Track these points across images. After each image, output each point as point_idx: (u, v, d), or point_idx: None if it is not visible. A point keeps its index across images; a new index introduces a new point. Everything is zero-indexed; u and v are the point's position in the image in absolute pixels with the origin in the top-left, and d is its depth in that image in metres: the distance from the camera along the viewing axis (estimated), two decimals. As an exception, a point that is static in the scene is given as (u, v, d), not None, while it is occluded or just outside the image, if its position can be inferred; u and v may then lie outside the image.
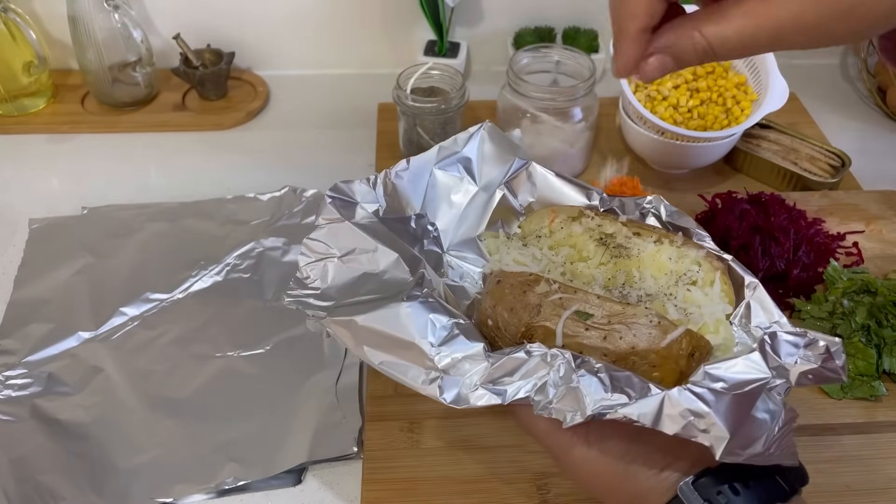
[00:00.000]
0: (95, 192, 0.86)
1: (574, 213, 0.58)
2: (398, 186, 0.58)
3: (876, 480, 0.60)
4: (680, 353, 0.46)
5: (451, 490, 0.59)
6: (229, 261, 0.77)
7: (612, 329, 0.46)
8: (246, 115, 0.98)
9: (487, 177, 0.60)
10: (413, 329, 0.47)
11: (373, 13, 1.02)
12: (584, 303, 0.47)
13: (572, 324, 0.47)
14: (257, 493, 0.60)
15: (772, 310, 0.51)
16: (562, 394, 0.43)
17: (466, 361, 0.46)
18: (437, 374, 0.46)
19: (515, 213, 0.60)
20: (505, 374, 0.45)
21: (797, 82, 0.87)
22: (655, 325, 0.46)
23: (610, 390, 0.43)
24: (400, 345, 0.47)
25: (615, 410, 0.42)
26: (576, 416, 0.42)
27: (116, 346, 0.69)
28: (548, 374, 0.44)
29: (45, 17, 0.98)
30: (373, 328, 0.48)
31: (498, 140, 0.61)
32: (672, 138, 0.82)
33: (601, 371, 0.44)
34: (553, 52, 0.87)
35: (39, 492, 0.59)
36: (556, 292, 0.48)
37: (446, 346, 0.47)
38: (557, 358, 0.45)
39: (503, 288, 0.51)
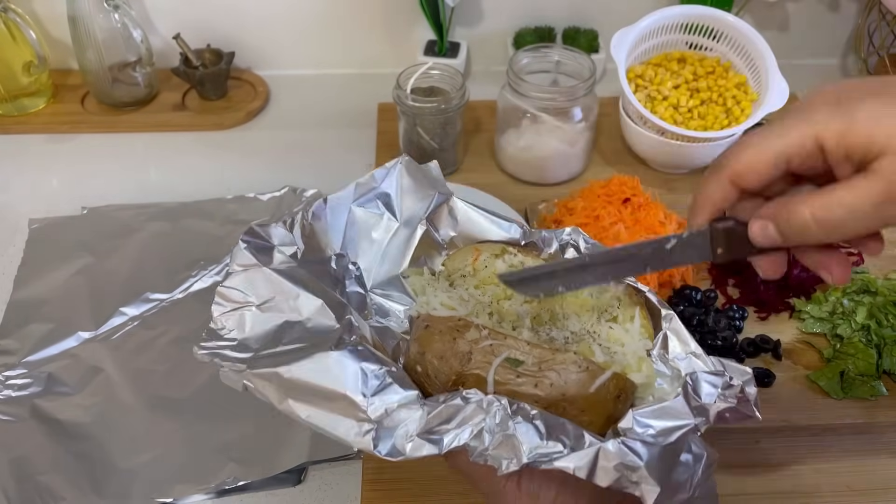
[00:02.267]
0: (95, 192, 0.86)
1: (497, 251, 0.57)
2: (315, 227, 0.56)
3: (876, 480, 0.60)
4: (607, 396, 0.47)
5: (451, 490, 0.59)
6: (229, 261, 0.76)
7: (542, 376, 0.47)
8: (246, 115, 0.98)
9: (408, 212, 0.59)
10: (343, 379, 0.45)
11: (373, 13, 1.02)
12: (514, 349, 0.47)
13: (503, 371, 0.47)
14: (257, 493, 0.60)
15: (687, 340, 0.52)
16: (498, 441, 0.43)
17: (401, 410, 0.45)
18: (370, 425, 0.44)
19: (438, 247, 0.59)
20: (442, 422, 0.44)
21: (797, 82, 0.87)
22: (584, 371, 0.47)
23: (545, 437, 0.43)
24: (329, 396, 0.45)
25: (550, 461, 0.42)
26: (511, 463, 0.42)
27: (116, 346, 0.69)
28: (484, 421, 0.44)
29: (45, 17, 0.98)
30: (298, 380, 0.45)
31: (416, 174, 0.59)
32: (672, 138, 0.82)
33: (536, 418, 0.44)
34: (553, 52, 0.87)
35: (39, 492, 0.59)
36: (486, 339, 0.48)
37: (378, 395, 0.45)
38: (493, 404, 0.45)
39: (432, 334, 0.49)
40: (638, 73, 0.88)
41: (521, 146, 0.85)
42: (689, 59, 0.89)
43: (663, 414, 0.46)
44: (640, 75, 0.88)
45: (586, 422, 0.46)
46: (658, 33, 0.89)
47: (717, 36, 0.89)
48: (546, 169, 0.87)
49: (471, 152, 0.93)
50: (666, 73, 0.88)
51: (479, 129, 0.96)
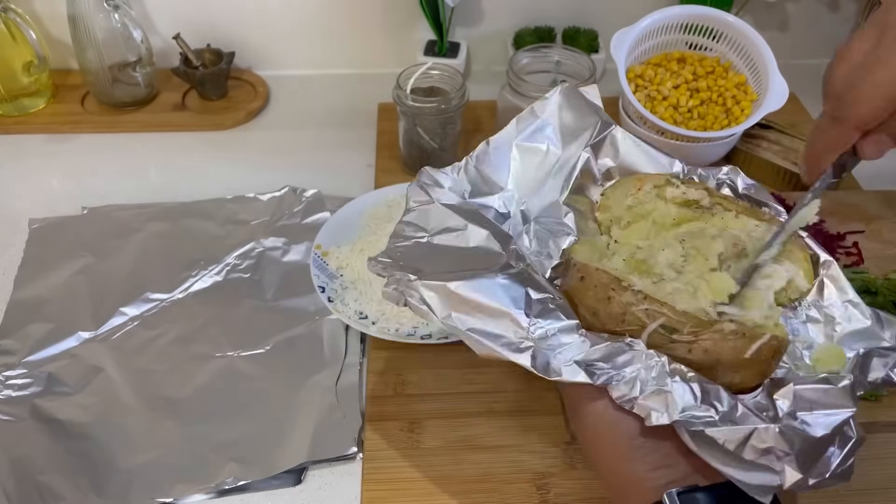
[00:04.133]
0: (95, 192, 0.86)
1: (660, 182, 0.57)
2: (481, 170, 0.58)
3: (876, 480, 0.60)
4: (761, 358, 0.47)
5: (451, 490, 0.59)
6: (229, 261, 0.77)
7: (696, 343, 0.47)
8: (246, 115, 0.98)
9: (570, 140, 0.60)
10: (508, 300, 0.47)
11: (373, 13, 1.02)
12: (668, 317, 0.47)
13: (658, 336, 0.47)
14: (257, 493, 0.60)
15: (845, 288, 0.52)
16: (650, 392, 0.44)
17: (562, 335, 0.46)
18: (530, 343, 0.46)
19: (594, 178, 0.59)
20: (600, 359, 0.45)
21: (797, 82, 0.87)
22: (740, 337, 0.46)
23: (699, 400, 0.44)
24: (492, 313, 0.47)
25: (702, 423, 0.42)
26: (661, 416, 0.43)
27: (116, 346, 0.69)
28: (639, 371, 0.45)
29: (45, 17, 0.98)
30: (465, 295, 0.47)
31: (576, 101, 0.60)
32: (672, 138, 0.82)
33: (693, 380, 0.44)
34: (553, 52, 0.87)
35: (39, 492, 0.59)
36: (641, 302, 0.48)
37: (542, 318, 0.47)
38: (653, 358, 0.45)
39: (587, 288, 0.50)
40: (638, 73, 0.88)
41: (521, 146, 0.85)
42: (689, 59, 0.89)
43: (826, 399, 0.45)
44: (640, 75, 0.88)
45: (738, 381, 0.47)
46: (658, 33, 0.89)
47: (716, 36, 0.89)
48: (546, 169, 0.87)
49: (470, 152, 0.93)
50: (666, 73, 0.88)
51: (479, 129, 0.96)
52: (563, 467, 0.60)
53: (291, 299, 0.73)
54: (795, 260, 0.53)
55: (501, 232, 0.54)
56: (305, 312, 0.72)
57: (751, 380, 0.47)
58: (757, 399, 0.46)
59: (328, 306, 0.69)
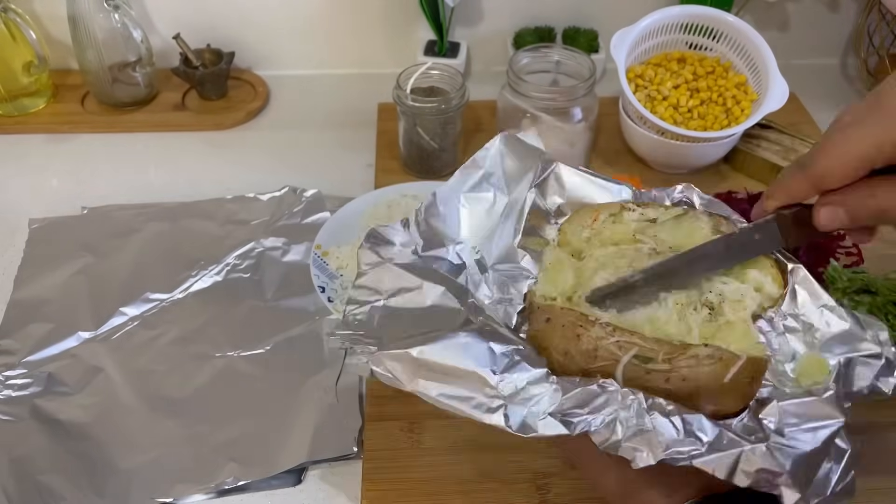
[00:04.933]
0: (95, 192, 0.86)
1: (615, 209, 0.57)
2: (432, 224, 0.58)
3: (876, 480, 0.60)
4: (742, 381, 0.46)
5: (451, 490, 0.59)
6: (229, 261, 0.77)
7: (673, 371, 0.46)
8: (246, 115, 0.98)
9: (515, 185, 0.60)
10: (472, 358, 0.46)
11: (373, 13, 1.02)
12: (640, 346, 0.47)
13: (632, 368, 0.46)
14: (257, 493, 0.60)
15: (818, 293, 0.51)
16: (631, 433, 0.43)
17: (532, 387, 0.46)
18: (500, 401, 0.45)
19: (546, 217, 0.59)
20: (575, 406, 0.45)
21: (797, 82, 0.87)
22: (717, 361, 0.46)
23: (683, 433, 0.43)
24: (459, 374, 0.46)
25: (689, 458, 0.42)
26: (647, 457, 0.42)
27: (116, 346, 0.69)
28: (617, 412, 0.44)
29: (45, 17, 0.98)
30: (428, 360, 0.46)
31: (517, 148, 0.60)
32: (672, 138, 0.82)
33: (673, 414, 0.44)
34: (553, 52, 0.87)
35: (39, 492, 0.59)
36: (611, 335, 0.47)
37: (508, 373, 0.46)
38: (629, 397, 0.45)
39: (553, 328, 0.49)
40: (638, 72, 0.88)
41: (521, 146, 0.85)
42: (689, 59, 0.89)
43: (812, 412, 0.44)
44: (640, 75, 0.88)
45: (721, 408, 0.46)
46: (658, 33, 0.89)
47: (716, 36, 0.89)
48: (546, 169, 0.87)
49: (471, 152, 0.91)
50: (666, 73, 0.88)
51: (479, 129, 0.96)
52: (563, 467, 0.60)
53: (291, 299, 0.73)
54: (761, 268, 0.52)
55: (457, 286, 0.54)
56: (305, 312, 0.72)
57: (734, 405, 0.46)
58: (744, 422, 0.45)
59: (328, 306, 0.69)
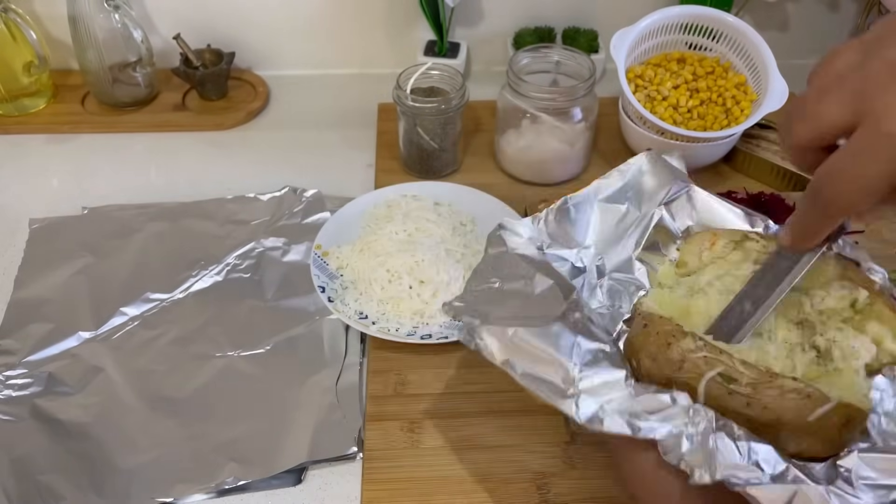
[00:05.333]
0: (95, 192, 0.86)
1: (737, 237, 0.56)
2: (562, 225, 0.60)
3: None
4: (830, 424, 0.45)
5: (451, 490, 0.59)
6: (229, 261, 0.77)
7: (756, 397, 0.45)
8: (246, 115, 0.98)
9: (648, 201, 0.61)
10: (559, 348, 0.48)
11: (373, 13, 1.02)
12: (727, 365, 0.46)
13: (715, 386, 0.46)
14: (257, 493, 0.60)
15: None
16: (695, 448, 0.43)
17: (607, 387, 0.47)
18: (575, 391, 0.46)
19: (672, 236, 0.59)
20: (644, 411, 0.45)
21: (797, 83, 0.86)
22: (804, 398, 0.45)
23: (746, 460, 0.43)
24: (544, 360, 0.48)
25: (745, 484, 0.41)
26: (704, 475, 0.42)
27: (116, 346, 0.69)
28: (685, 427, 0.44)
29: (45, 17, 0.98)
30: (520, 342, 0.49)
31: (659, 167, 0.61)
32: (672, 138, 0.82)
33: (741, 438, 0.43)
34: (553, 52, 0.87)
35: (39, 492, 0.59)
36: (700, 349, 0.48)
37: (589, 368, 0.47)
38: (700, 413, 0.44)
39: (648, 334, 0.50)
40: (637, 73, 0.88)
41: (521, 146, 0.85)
42: (689, 60, 0.89)
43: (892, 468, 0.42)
44: (640, 75, 0.88)
45: (804, 448, 0.45)
46: (658, 33, 0.89)
47: (716, 36, 0.89)
48: (546, 169, 0.87)
49: (471, 152, 0.93)
50: (665, 73, 0.88)
51: (479, 129, 0.96)
52: (563, 467, 0.60)
53: (291, 299, 0.73)
54: (885, 321, 0.50)
55: (567, 283, 0.56)
56: (305, 312, 0.72)
57: (819, 448, 0.45)
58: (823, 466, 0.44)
59: (328, 306, 0.69)
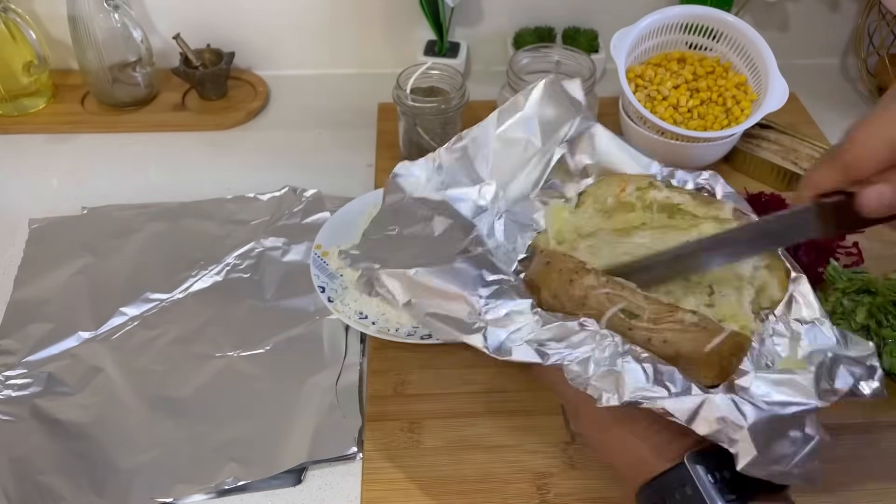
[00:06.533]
0: (95, 192, 0.86)
1: (643, 184, 0.57)
2: (461, 161, 0.59)
3: (876, 480, 0.60)
4: (722, 353, 0.47)
5: (451, 490, 0.59)
6: (229, 261, 0.77)
7: (656, 331, 0.47)
8: (246, 115, 0.98)
9: (548, 135, 0.60)
10: (462, 282, 0.48)
11: (373, 13, 1.02)
12: (629, 301, 0.47)
13: (617, 321, 0.47)
14: (257, 493, 0.60)
15: (813, 305, 0.51)
16: (602, 373, 0.44)
17: (514, 315, 0.47)
18: (482, 324, 0.47)
19: (571, 174, 0.60)
20: (552, 339, 0.46)
21: (797, 82, 0.87)
22: (701, 329, 0.46)
23: (651, 381, 0.44)
24: (447, 296, 0.48)
25: (653, 400, 0.43)
26: (612, 397, 0.43)
27: (116, 346, 0.69)
28: (593, 351, 0.45)
29: (45, 17, 0.98)
30: (423, 281, 0.49)
31: (559, 97, 0.60)
32: (672, 138, 0.82)
33: (646, 361, 0.45)
34: (553, 52, 0.87)
35: (39, 492, 0.59)
36: (603, 286, 0.48)
37: (494, 299, 0.48)
38: (606, 338, 0.46)
39: (550, 271, 0.51)
40: (638, 73, 0.88)
41: (521, 146, 0.85)
42: (689, 59, 0.89)
43: (788, 385, 0.45)
44: (640, 75, 0.88)
45: (699, 377, 0.46)
46: (658, 33, 0.89)
47: (716, 36, 0.89)
48: (546, 169, 0.87)
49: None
50: (666, 73, 0.88)
51: (479, 129, 0.96)
52: (563, 467, 0.60)
53: (291, 299, 0.73)
54: (772, 268, 0.53)
55: (466, 221, 0.56)
56: (305, 312, 0.72)
57: (711, 377, 0.47)
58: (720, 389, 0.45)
59: (328, 306, 0.69)
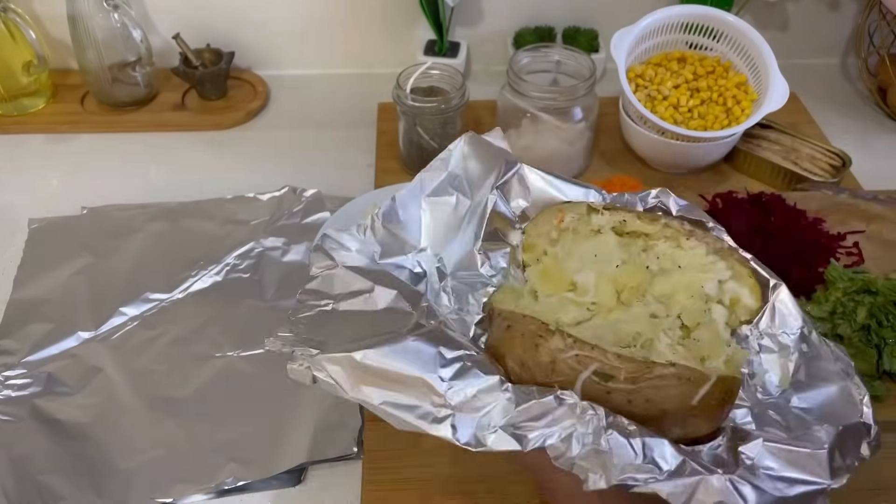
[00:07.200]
0: (95, 192, 0.86)
1: (582, 210, 0.53)
2: (390, 229, 0.54)
3: (876, 480, 0.60)
4: (712, 403, 0.43)
5: (451, 490, 0.59)
6: (229, 261, 0.77)
7: (636, 392, 0.42)
8: (246, 114, 0.98)
9: (478, 187, 0.56)
10: (419, 363, 0.42)
11: (373, 13, 1.02)
12: (601, 362, 0.43)
13: (593, 386, 0.43)
14: (257, 493, 0.60)
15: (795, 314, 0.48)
16: (587, 451, 0.40)
17: (482, 395, 0.42)
18: (448, 411, 0.41)
19: (510, 222, 0.55)
20: (529, 419, 0.41)
21: (797, 82, 0.87)
22: (685, 382, 0.42)
23: (641, 458, 0.40)
24: (404, 381, 0.42)
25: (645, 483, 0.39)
26: (599, 480, 0.39)
27: (116, 346, 0.69)
28: (574, 426, 0.41)
29: (45, 17, 0.98)
30: (372, 365, 0.43)
31: (481, 149, 0.57)
32: (672, 138, 0.82)
33: (634, 435, 0.41)
34: (553, 51, 0.87)
35: (39, 492, 0.59)
36: (571, 348, 0.44)
37: (458, 380, 0.42)
38: (588, 412, 0.41)
39: (513, 336, 0.46)
40: (638, 72, 0.88)
41: (522, 146, 0.85)
42: (690, 59, 0.89)
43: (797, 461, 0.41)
44: (641, 75, 0.88)
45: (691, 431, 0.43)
46: (658, 33, 0.89)
47: (717, 36, 0.89)
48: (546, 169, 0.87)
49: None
50: (666, 72, 0.88)
51: (480, 129, 0.94)
52: (564, 467, 0.60)
53: (291, 299, 0.72)
54: (739, 278, 0.50)
55: (411, 290, 0.50)
56: (305, 312, 0.72)
57: (704, 428, 0.43)
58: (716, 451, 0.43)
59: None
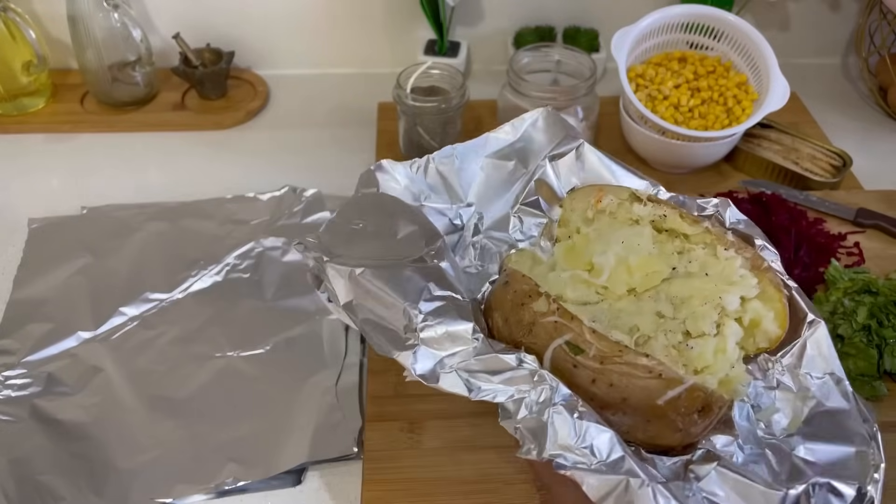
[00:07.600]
0: (95, 191, 0.86)
1: (624, 196, 0.51)
2: (445, 176, 0.56)
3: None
4: (683, 411, 0.41)
5: (451, 490, 0.59)
6: (229, 261, 0.77)
7: (601, 372, 0.41)
8: (246, 114, 0.98)
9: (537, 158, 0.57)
10: (406, 292, 0.44)
11: (373, 13, 1.02)
12: (575, 333, 0.42)
13: (562, 355, 0.43)
14: (257, 494, 0.60)
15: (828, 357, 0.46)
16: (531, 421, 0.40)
17: (450, 339, 0.43)
18: (415, 341, 0.43)
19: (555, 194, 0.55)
20: (486, 371, 0.42)
21: (798, 82, 0.87)
22: (654, 377, 0.40)
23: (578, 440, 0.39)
24: (387, 304, 0.44)
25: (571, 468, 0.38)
26: (532, 451, 0.39)
27: (116, 346, 0.69)
28: (528, 393, 0.40)
29: (44, 16, 0.98)
30: (366, 283, 0.45)
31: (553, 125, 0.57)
32: (673, 138, 0.82)
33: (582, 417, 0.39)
34: (553, 51, 0.87)
35: (39, 492, 0.58)
36: (552, 314, 0.44)
37: (434, 317, 0.43)
38: (544, 380, 0.41)
39: (507, 291, 0.47)
40: (639, 72, 0.88)
41: (522, 146, 0.85)
42: (690, 59, 0.89)
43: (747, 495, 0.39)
44: (641, 75, 0.88)
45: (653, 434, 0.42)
46: (659, 33, 0.89)
47: (717, 35, 0.89)
48: (546, 168, 0.87)
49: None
50: (667, 72, 0.88)
51: (480, 129, 0.94)
52: (564, 467, 0.60)
53: (291, 299, 0.73)
54: (767, 300, 0.46)
55: (433, 230, 0.52)
56: (305, 312, 0.72)
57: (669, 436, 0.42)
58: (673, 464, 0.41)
59: (328, 306, 0.68)
